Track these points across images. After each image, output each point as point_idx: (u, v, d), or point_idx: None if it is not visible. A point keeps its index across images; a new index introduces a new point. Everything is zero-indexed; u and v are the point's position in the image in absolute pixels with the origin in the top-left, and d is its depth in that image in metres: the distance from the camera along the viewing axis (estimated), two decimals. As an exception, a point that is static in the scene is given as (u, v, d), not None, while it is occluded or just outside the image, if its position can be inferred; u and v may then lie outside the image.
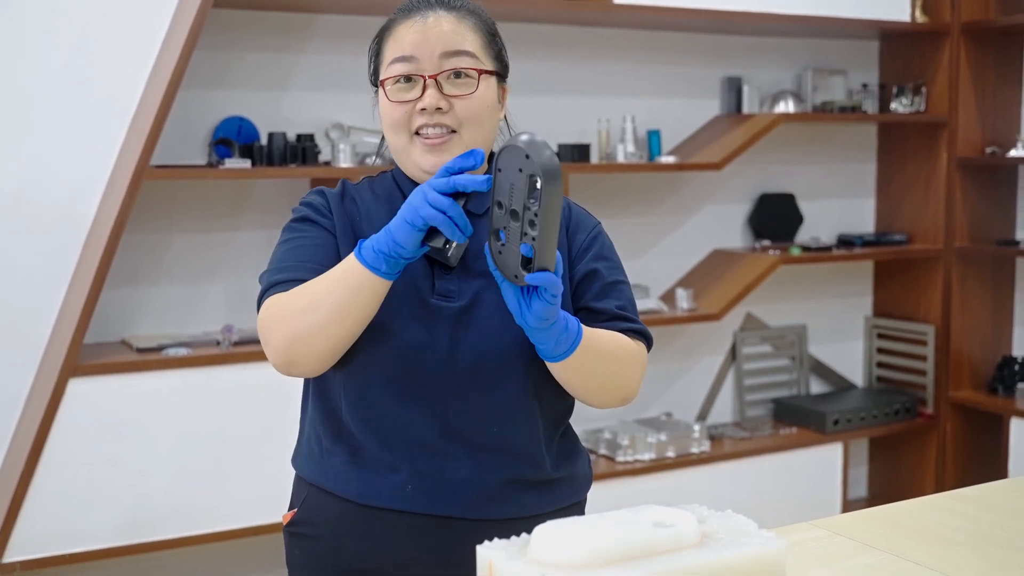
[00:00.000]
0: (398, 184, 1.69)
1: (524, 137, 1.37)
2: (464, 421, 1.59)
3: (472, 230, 1.45)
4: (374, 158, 1.95)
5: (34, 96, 3.17)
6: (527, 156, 1.36)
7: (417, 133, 1.60)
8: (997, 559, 1.54)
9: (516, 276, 1.42)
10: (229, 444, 3.18)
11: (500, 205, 1.41)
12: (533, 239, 1.38)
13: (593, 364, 1.57)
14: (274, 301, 1.55)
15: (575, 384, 1.61)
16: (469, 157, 1.44)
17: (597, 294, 1.67)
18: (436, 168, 1.58)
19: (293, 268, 1.58)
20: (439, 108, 1.58)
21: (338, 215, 1.65)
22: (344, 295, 1.48)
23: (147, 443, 3.09)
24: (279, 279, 1.57)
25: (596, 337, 1.58)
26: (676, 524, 1.13)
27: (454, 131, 1.59)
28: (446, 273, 1.60)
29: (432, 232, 1.46)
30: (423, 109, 1.58)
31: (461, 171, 1.45)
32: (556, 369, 1.57)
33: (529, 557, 1.09)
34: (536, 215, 1.37)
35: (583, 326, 1.55)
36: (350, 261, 1.48)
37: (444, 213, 1.41)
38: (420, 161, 1.60)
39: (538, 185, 1.35)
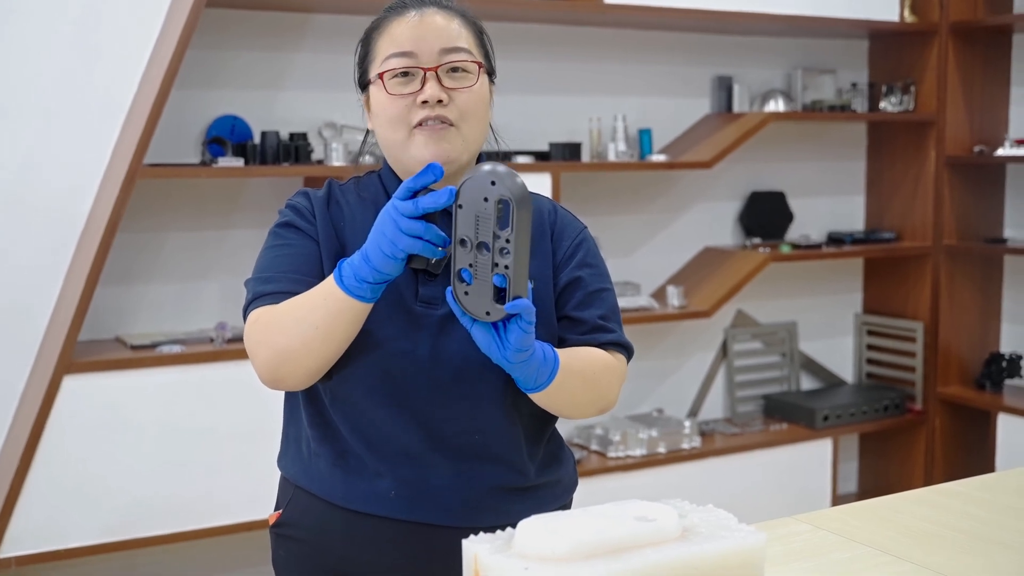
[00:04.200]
0: (384, 185, 1.68)
1: (486, 167, 1.35)
2: (447, 428, 1.59)
3: (449, 240, 1.43)
4: (360, 156, 1.97)
5: (28, 95, 3.19)
6: (493, 183, 1.33)
7: (417, 126, 1.58)
8: (978, 552, 1.56)
9: (488, 313, 1.39)
10: (223, 441, 3.19)
11: (464, 242, 1.37)
12: (507, 267, 1.36)
13: (571, 387, 1.56)
14: (259, 316, 1.56)
15: (553, 406, 1.60)
16: (428, 173, 1.42)
17: (579, 303, 1.66)
18: (439, 158, 1.57)
19: (277, 279, 1.59)
20: (440, 100, 1.57)
21: (321, 220, 1.64)
22: (327, 319, 1.48)
23: (141, 440, 3.11)
24: (263, 291, 1.58)
25: (573, 359, 1.57)
26: (657, 518, 1.15)
27: (452, 124, 1.59)
28: (430, 280, 1.60)
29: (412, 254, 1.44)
30: (424, 102, 1.57)
31: (424, 188, 1.43)
32: (535, 396, 1.56)
33: (513, 551, 1.11)
34: (508, 241, 1.34)
35: (558, 351, 1.54)
36: (331, 287, 1.48)
37: (421, 239, 1.41)
38: (419, 154, 1.58)
39: (510, 210, 1.33)
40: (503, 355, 1.43)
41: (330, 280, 1.49)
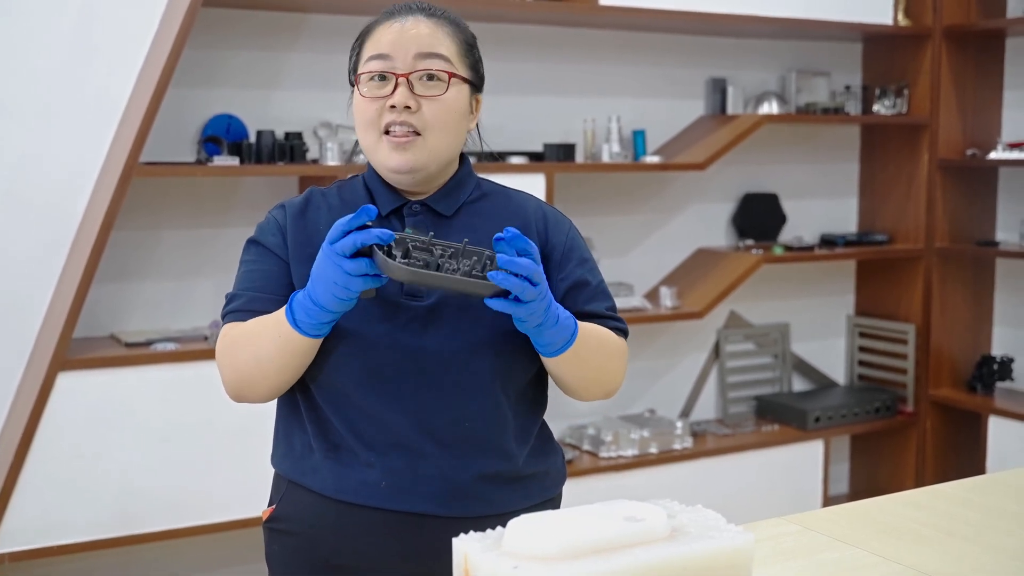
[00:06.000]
0: (368, 188, 1.72)
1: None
2: (435, 418, 1.62)
3: (387, 279, 1.50)
4: (354, 155, 2.01)
5: (26, 93, 3.19)
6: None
7: (386, 132, 1.64)
8: (965, 554, 1.57)
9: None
10: (216, 438, 3.20)
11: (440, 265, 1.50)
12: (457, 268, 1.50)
13: (586, 358, 1.64)
14: (225, 334, 1.65)
15: (568, 376, 1.66)
16: (362, 214, 1.48)
17: (588, 299, 1.72)
18: (402, 167, 1.63)
19: (242, 296, 1.68)
20: (408, 107, 1.62)
21: (293, 231, 1.69)
22: (280, 352, 1.58)
23: (135, 437, 3.11)
24: (233, 308, 1.67)
25: (589, 332, 1.64)
26: (646, 518, 1.16)
27: (419, 133, 1.63)
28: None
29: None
30: (392, 106, 1.62)
31: (360, 227, 1.49)
32: (550, 364, 1.64)
33: (503, 550, 1.12)
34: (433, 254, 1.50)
35: (578, 322, 1.61)
36: (284, 322, 1.55)
37: (367, 275, 1.48)
38: (386, 160, 1.64)
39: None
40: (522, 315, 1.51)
41: (283, 319, 1.56)
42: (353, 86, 1.71)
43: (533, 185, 3.59)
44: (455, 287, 1.47)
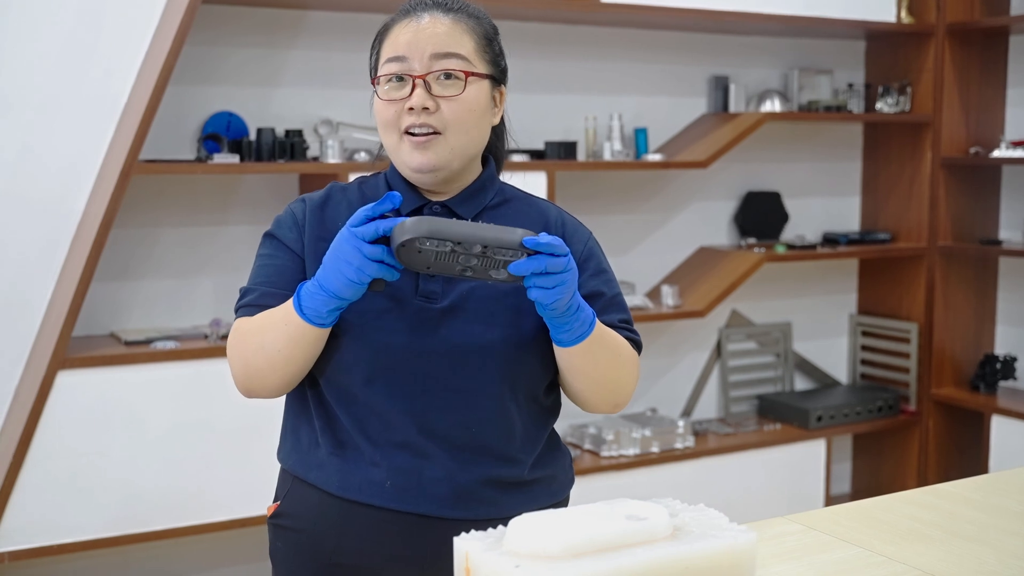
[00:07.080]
0: (390, 186, 1.71)
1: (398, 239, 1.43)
2: (442, 420, 1.62)
3: (403, 266, 1.49)
4: (374, 158, 2.00)
5: (25, 90, 3.19)
6: (403, 243, 1.43)
7: (406, 132, 1.62)
8: (967, 553, 1.56)
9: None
10: (217, 436, 3.20)
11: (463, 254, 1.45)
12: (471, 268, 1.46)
13: (599, 354, 1.62)
14: (236, 328, 1.64)
15: (580, 376, 1.64)
16: (387, 201, 1.49)
17: (601, 310, 1.70)
18: (424, 167, 1.62)
19: (255, 291, 1.66)
20: (426, 108, 1.61)
21: (311, 225, 1.68)
22: (288, 344, 1.57)
23: (135, 436, 3.11)
24: (246, 302, 1.66)
25: (605, 330, 1.63)
26: (649, 517, 1.15)
27: (439, 132, 1.62)
28: (431, 276, 1.62)
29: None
30: (411, 108, 1.61)
31: (382, 215, 1.49)
32: (565, 356, 1.61)
33: (504, 549, 1.11)
34: (452, 259, 1.44)
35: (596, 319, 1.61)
36: (291, 312, 1.55)
37: (383, 262, 1.48)
38: (408, 160, 1.63)
39: (425, 245, 1.43)
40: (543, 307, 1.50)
41: (290, 308, 1.56)
42: (374, 86, 1.70)
43: (534, 183, 3.58)
44: (478, 236, 1.42)
